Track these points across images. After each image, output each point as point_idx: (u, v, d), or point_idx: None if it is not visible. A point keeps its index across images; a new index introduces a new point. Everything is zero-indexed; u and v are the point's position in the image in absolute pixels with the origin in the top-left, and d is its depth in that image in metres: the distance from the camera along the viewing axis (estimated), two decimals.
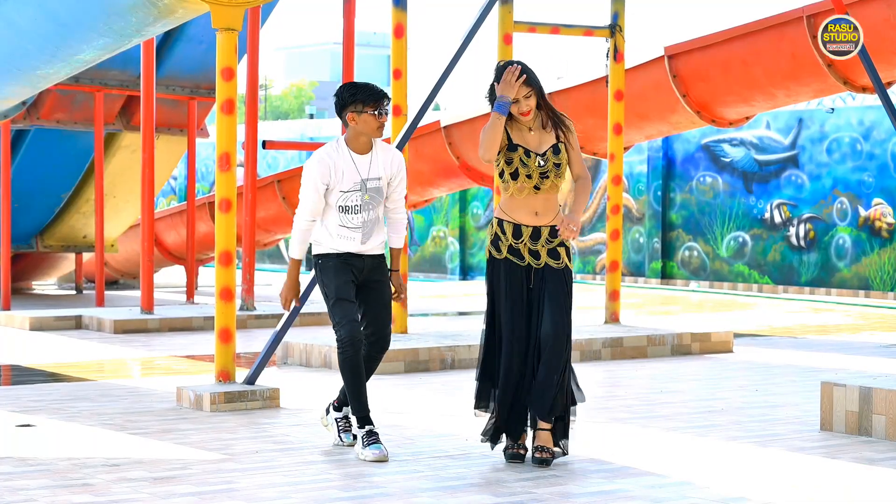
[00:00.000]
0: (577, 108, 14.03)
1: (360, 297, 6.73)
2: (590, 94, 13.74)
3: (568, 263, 6.50)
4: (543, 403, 6.39)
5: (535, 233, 6.47)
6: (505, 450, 6.53)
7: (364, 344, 6.68)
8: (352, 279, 6.67)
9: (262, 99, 67.50)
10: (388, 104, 6.68)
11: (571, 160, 6.54)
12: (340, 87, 6.73)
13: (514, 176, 6.45)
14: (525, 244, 6.46)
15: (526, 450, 6.51)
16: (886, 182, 18.78)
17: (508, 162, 6.45)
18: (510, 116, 6.50)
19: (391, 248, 7.01)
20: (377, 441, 6.57)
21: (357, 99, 6.60)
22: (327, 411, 7.03)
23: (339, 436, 6.93)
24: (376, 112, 6.60)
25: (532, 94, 6.44)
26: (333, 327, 6.64)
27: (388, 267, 6.88)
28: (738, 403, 8.62)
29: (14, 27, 9.20)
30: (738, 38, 12.73)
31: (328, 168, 6.59)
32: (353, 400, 6.63)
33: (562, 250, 6.49)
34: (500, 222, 6.51)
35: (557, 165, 6.47)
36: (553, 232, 6.48)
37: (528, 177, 6.43)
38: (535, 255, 6.46)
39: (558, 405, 6.43)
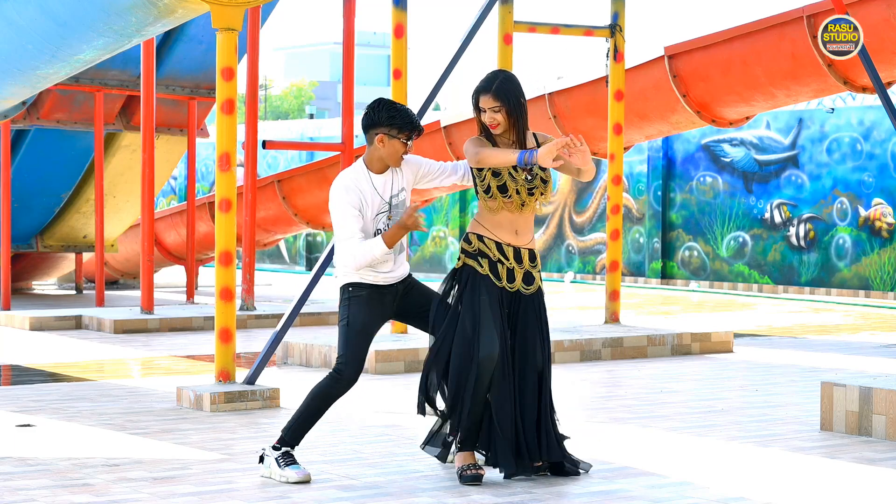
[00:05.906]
0: (577, 108, 14.04)
1: (412, 319, 6.34)
2: (590, 94, 13.74)
3: (540, 285, 6.27)
4: (553, 444, 6.15)
5: (517, 254, 6.20)
6: (464, 471, 6.07)
7: None
8: (385, 313, 6.24)
9: (262, 99, 67.50)
10: (417, 137, 6.25)
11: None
12: (377, 103, 6.22)
13: (503, 189, 6.17)
14: (508, 264, 6.17)
15: (484, 470, 6.09)
16: (886, 182, 18.77)
17: (496, 174, 6.17)
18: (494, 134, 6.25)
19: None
20: (296, 462, 6.15)
21: (394, 123, 6.13)
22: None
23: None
24: (407, 141, 6.19)
25: (500, 110, 6.17)
26: (338, 359, 6.13)
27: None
28: (738, 403, 8.62)
29: (14, 27, 9.19)
30: (738, 38, 12.73)
31: (357, 194, 6.12)
32: (298, 430, 6.16)
33: (537, 275, 6.25)
34: (481, 238, 6.18)
35: (545, 182, 6.20)
36: (532, 256, 6.25)
37: (517, 192, 6.17)
38: (511, 277, 6.18)
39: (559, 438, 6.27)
